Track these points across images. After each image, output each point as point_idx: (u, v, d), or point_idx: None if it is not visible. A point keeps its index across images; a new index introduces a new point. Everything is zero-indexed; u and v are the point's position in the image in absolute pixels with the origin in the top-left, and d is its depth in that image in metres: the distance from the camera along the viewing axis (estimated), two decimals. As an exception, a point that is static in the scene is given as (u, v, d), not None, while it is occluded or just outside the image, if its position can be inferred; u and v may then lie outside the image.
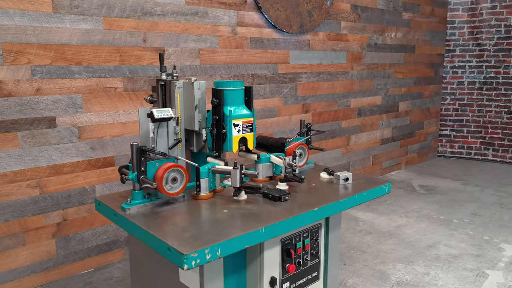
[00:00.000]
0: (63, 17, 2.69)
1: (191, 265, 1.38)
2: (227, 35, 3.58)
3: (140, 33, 3.05)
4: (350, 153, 5.03)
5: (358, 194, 1.98)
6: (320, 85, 4.49)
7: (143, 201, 1.81)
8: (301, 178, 2.00)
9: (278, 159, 2.11)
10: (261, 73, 3.90)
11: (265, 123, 4.01)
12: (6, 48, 2.50)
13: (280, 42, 4.01)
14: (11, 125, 2.58)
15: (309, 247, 1.93)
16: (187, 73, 3.36)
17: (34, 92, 2.64)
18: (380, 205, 4.43)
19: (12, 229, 2.68)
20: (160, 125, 2.00)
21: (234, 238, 1.50)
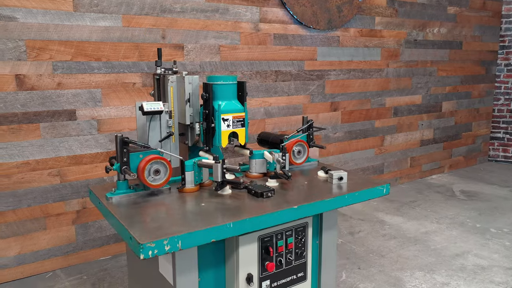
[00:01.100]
0: (83, 15, 2.83)
1: (148, 255, 1.39)
2: (249, 32, 3.57)
3: (158, 30, 3.13)
4: (385, 154, 4.82)
5: (348, 194, 1.90)
6: (351, 82, 4.34)
7: (127, 191, 1.85)
8: (288, 176, 1.95)
9: (269, 155, 2.07)
10: (286, 70, 3.85)
11: (289, 121, 3.96)
12: (29, 44, 2.68)
13: (307, 38, 3.93)
14: (33, 116, 2.76)
15: (293, 246, 1.88)
16: (207, 69, 3.40)
17: (56, 86, 2.80)
18: (411, 210, 4.21)
19: (35, 214, 2.86)
20: (153, 118, 2.04)
21: (197, 231, 1.49)
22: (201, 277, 1.74)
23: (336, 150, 4.39)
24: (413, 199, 4.52)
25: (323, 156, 4.28)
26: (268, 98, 3.79)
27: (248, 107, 3.68)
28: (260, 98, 3.74)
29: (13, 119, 2.70)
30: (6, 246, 2.80)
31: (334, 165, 4.40)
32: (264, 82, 3.74)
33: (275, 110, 3.86)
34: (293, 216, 1.73)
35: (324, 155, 4.30)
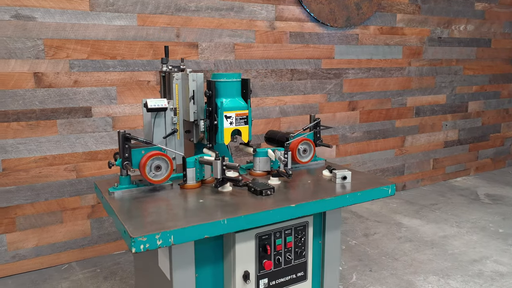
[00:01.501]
0: (99, 15, 2.90)
1: (139, 249, 1.41)
2: (264, 30, 3.56)
3: (173, 29, 3.17)
4: (406, 155, 4.70)
5: (350, 194, 1.86)
6: (370, 81, 4.26)
7: (129, 186, 1.89)
8: (288, 174, 1.93)
9: (273, 153, 2.06)
10: (302, 69, 3.82)
11: (305, 120, 3.92)
12: (47, 43, 2.77)
13: (324, 36, 3.88)
14: (51, 113, 2.85)
15: (292, 245, 1.86)
16: (221, 67, 3.41)
17: (72, 84, 2.89)
18: (431, 212, 4.09)
19: (51, 208, 2.96)
20: (158, 115, 2.07)
21: (190, 227, 1.50)
22: (199, 273, 1.75)
23: (354, 150, 4.32)
24: (434, 202, 4.39)
25: (340, 156, 4.22)
26: (283, 97, 3.77)
27: (263, 106, 3.67)
28: (275, 96, 3.73)
29: (32, 115, 2.80)
30: (25, 238, 2.90)
31: (352, 165, 4.33)
32: (280, 80, 3.73)
33: (291, 109, 3.84)
34: (291, 214, 1.71)
35: (342, 155, 4.24)
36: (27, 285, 2.78)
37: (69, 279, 2.86)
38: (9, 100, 2.71)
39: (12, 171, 2.79)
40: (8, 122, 2.73)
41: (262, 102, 3.67)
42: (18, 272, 2.90)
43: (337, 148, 4.19)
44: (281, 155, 1.97)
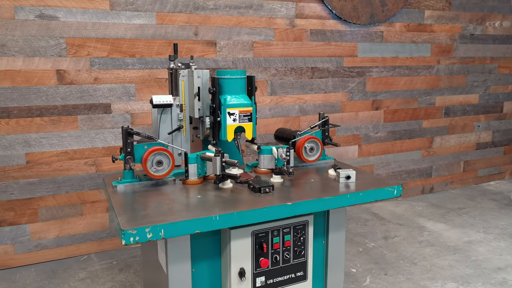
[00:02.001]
0: (119, 14, 2.98)
1: (129, 241, 1.44)
2: (284, 28, 3.54)
3: (191, 27, 3.21)
4: (434, 156, 4.53)
5: (351, 194, 1.82)
6: (395, 80, 4.14)
7: (132, 180, 1.93)
8: (289, 172, 1.91)
9: (276, 151, 2.04)
10: (323, 67, 3.77)
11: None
12: (69, 42, 2.88)
13: (346, 34, 3.81)
14: (72, 109, 2.96)
15: (291, 244, 1.83)
16: (240, 65, 3.42)
17: (92, 81, 2.98)
18: (458, 217, 3.92)
19: (72, 200, 3.07)
20: (164, 111, 2.10)
21: (181, 221, 1.52)
22: (195, 268, 1.76)
23: (378, 151, 4.21)
24: (462, 206, 4.21)
25: (363, 156, 4.13)
26: (303, 95, 3.74)
27: (282, 104, 3.65)
28: (295, 95, 3.70)
29: (54, 111, 2.91)
30: (46, 229, 3.03)
31: (375, 166, 4.23)
32: (300, 79, 3.69)
33: (311, 107, 3.79)
34: (287, 213, 1.69)
35: (365, 155, 4.14)
36: (48, 274, 2.90)
37: (86, 270, 2.96)
38: (33, 96, 2.84)
39: (35, 164, 2.92)
40: (32, 117, 2.86)
41: (281, 100, 3.64)
42: (40, 261, 3.04)
43: (359, 148, 4.10)
44: (283, 152, 1.95)
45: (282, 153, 1.96)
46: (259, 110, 3.56)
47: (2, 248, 2.93)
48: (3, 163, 2.84)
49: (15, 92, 2.79)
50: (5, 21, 2.70)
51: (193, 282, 1.76)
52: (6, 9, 2.69)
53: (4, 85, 2.76)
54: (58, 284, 2.77)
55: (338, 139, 3.97)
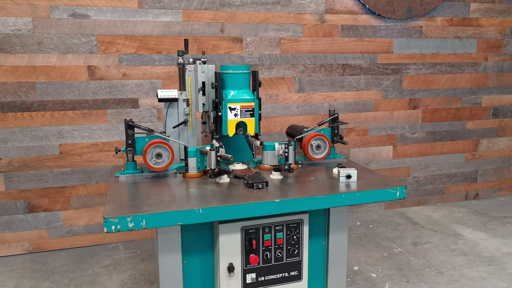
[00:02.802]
0: (146, 12, 3.08)
1: (110, 229, 1.49)
2: (313, 24, 3.47)
3: (217, 24, 3.24)
4: (479, 160, 4.22)
5: (346, 193, 1.74)
6: (435, 78, 3.91)
7: (134, 171, 1.99)
8: (286, 169, 1.87)
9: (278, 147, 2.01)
10: (354, 63, 3.64)
11: (357, 117, 3.74)
12: (99, 39, 3.03)
13: (381, 29, 3.65)
14: (102, 103, 3.11)
15: (284, 242, 1.80)
16: (266, 62, 3.40)
17: (121, 76, 3.11)
18: (501, 226, 3.63)
19: (101, 190, 3.23)
20: (171, 105, 2.15)
21: (163, 213, 1.54)
22: (187, 261, 1.78)
23: (415, 152, 4.00)
24: (508, 215, 3.88)
25: (398, 157, 3.94)
26: (333, 93, 3.64)
27: (310, 101, 3.58)
28: (324, 92, 3.61)
29: (85, 105, 3.08)
30: (78, 216, 3.21)
31: (412, 168, 4.02)
32: (329, 75, 3.60)
33: (341, 105, 3.68)
34: (274, 210, 1.66)
35: (400, 156, 3.96)
36: (76, 259, 3.08)
37: (112, 257, 3.10)
38: (66, 90, 3.02)
39: (68, 154, 3.11)
40: (65, 110, 3.05)
41: (309, 97, 3.58)
42: (71, 246, 3.23)
43: (394, 148, 3.92)
44: (281, 149, 1.92)
45: (280, 149, 1.92)
46: (287, 107, 3.52)
47: (38, 233, 3.15)
48: (39, 152, 3.05)
49: (50, 86, 2.99)
50: (41, 20, 2.89)
51: (185, 274, 1.78)
52: (42, 9, 2.88)
53: (40, 80, 2.96)
54: (83, 269, 2.93)
55: (371, 138, 3.83)
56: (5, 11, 2.82)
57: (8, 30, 2.85)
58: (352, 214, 3.91)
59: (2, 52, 2.86)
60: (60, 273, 2.87)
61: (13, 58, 2.89)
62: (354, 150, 3.80)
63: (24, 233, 3.11)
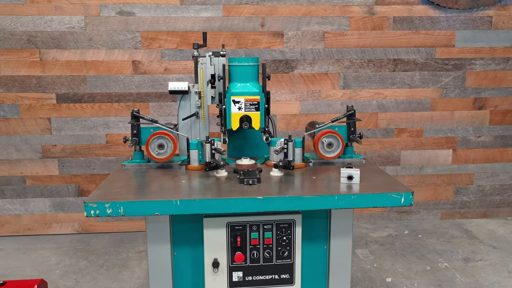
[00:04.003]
0: (188, 8, 3.15)
1: (90, 214, 1.54)
2: (361, 16, 3.26)
3: (258, 18, 3.20)
4: None
5: (340, 195, 1.60)
6: (507, 75, 3.45)
7: (141, 161, 2.04)
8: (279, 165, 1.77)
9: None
10: (408, 58, 3.36)
11: (410, 117, 3.44)
12: (143, 35, 3.17)
13: (441, 20, 3.31)
14: (145, 96, 3.25)
15: (273, 243, 1.71)
16: (308, 57, 3.28)
17: (163, 71, 3.23)
18: None
19: (143, 179, 3.38)
20: (183, 98, 2.17)
21: (140, 201, 1.55)
22: (177, 252, 1.78)
23: (481, 158, 3.57)
24: None
25: (459, 162, 3.55)
26: (382, 90, 3.39)
27: (356, 99, 3.38)
28: (372, 89, 3.38)
29: (129, 98, 3.25)
30: (122, 202, 3.40)
31: (476, 175, 3.60)
32: (379, 71, 3.36)
33: (391, 104, 3.42)
34: (256, 207, 1.58)
35: (461, 161, 3.56)
36: (116, 243, 3.27)
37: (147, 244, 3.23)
38: (112, 84, 3.21)
39: (113, 144, 3.31)
40: (111, 102, 3.24)
41: (355, 94, 3.38)
42: (114, 231, 3.43)
43: (454, 153, 3.54)
44: (280, 144, 1.82)
45: (279, 144, 1.83)
46: (330, 104, 3.36)
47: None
48: (88, 141, 3.28)
49: (99, 80, 3.20)
50: (92, 18, 3.11)
51: (175, 265, 1.78)
52: (93, 8, 3.10)
53: (90, 74, 3.19)
54: (119, 253, 3.10)
55: (426, 140, 3.50)
56: (61, 10, 3.08)
57: (64, 28, 3.11)
58: (402, 221, 3.62)
59: (59, 48, 3.13)
60: (98, 254, 3.07)
61: (67, 54, 3.15)
62: (406, 152, 3.50)
63: (74, 214, 3.38)
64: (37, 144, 3.25)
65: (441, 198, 3.61)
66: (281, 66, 3.28)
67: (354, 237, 3.33)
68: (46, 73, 3.16)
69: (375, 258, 2.99)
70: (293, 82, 3.31)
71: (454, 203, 3.63)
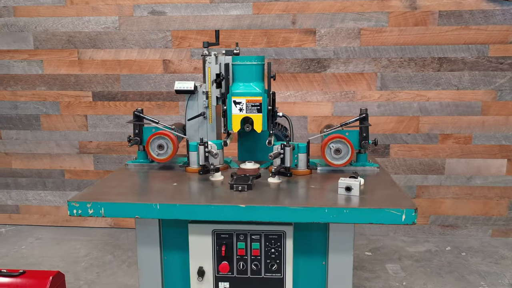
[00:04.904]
0: (217, 6, 3.11)
1: (72, 213, 1.53)
2: (401, 11, 3.01)
3: (289, 15, 3.07)
4: None
5: (330, 208, 1.45)
6: None
7: (144, 161, 2.02)
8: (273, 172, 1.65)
9: (282, 147, 1.79)
10: (455, 57, 3.04)
11: (457, 122, 3.12)
12: (174, 34, 3.18)
13: (496, 14, 2.96)
14: (174, 96, 3.27)
15: (261, 254, 1.59)
16: (342, 56, 3.09)
17: (192, 70, 3.22)
18: None
19: (173, 178, 3.41)
20: (191, 97, 2.12)
21: (121, 203, 1.52)
22: (167, 256, 1.73)
23: (542, 170, 3.15)
24: None
25: (515, 174, 3.16)
26: (425, 92, 3.10)
27: (395, 101, 3.13)
28: (413, 90, 3.11)
29: (160, 96, 3.28)
30: (152, 199, 3.45)
31: (536, 190, 3.18)
32: (421, 71, 3.08)
33: (435, 107, 3.12)
34: (238, 216, 1.48)
35: (518, 173, 3.16)
36: (144, 238, 3.31)
37: (173, 242, 3.24)
38: (144, 83, 3.26)
39: (144, 142, 3.36)
40: (143, 101, 3.30)
41: (394, 96, 3.13)
42: (144, 226, 3.49)
43: (509, 163, 3.15)
44: (277, 149, 1.70)
45: (276, 149, 1.71)
46: (366, 105, 3.13)
47: (119, 210, 3.49)
48: (121, 138, 3.37)
49: (131, 79, 3.27)
50: (126, 18, 3.18)
51: (165, 269, 1.74)
52: (127, 8, 3.16)
53: (124, 73, 3.27)
54: (144, 249, 3.13)
55: (475, 148, 3.15)
56: (98, 11, 3.18)
57: (100, 28, 3.21)
58: (445, 236, 3.29)
59: (95, 48, 3.24)
60: (124, 249, 3.13)
61: (102, 53, 3.25)
62: (451, 160, 3.18)
63: (108, 209, 3.48)
64: (74, 140, 3.40)
65: (493, 213, 3.24)
66: (313, 65, 3.12)
67: (388, 250, 3.09)
68: (83, 71, 3.29)
69: (406, 276, 2.74)
70: (326, 82, 3.14)
71: (509, 220, 3.23)
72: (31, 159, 3.46)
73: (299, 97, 3.18)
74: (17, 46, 3.29)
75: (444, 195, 3.24)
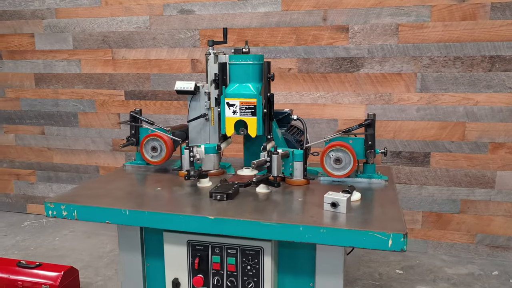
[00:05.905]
0: (245, 3, 3.00)
1: (48, 214, 1.52)
2: (446, 4, 2.68)
3: (319, 12, 2.88)
4: None
5: (306, 227, 1.28)
6: None
7: (141, 162, 1.98)
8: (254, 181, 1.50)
9: (273, 154, 1.64)
10: (510, 55, 2.65)
11: (511, 130, 2.72)
12: (202, 33, 3.12)
13: (562, 5, 2.53)
14: (202, 95, 3.21)
15: (237, 270, 1.45)
16: (378, 54, 2.84)
17: (219, 69, 3.14)
18: None
19: (200, 179, 3.37)
20: (193, 98, 2.04)
21: (92, 207, 1.47)
22: (150, 264, 1.67)
23: None
24: None
25: None
26: (473, 95, 2.75)
27: (437, 104, 2.81)
28: (459, 93, 2.77)
29: (188, 96, 3.24)
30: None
31: None
32: (469, 71, 2.73)
33: (486, 112, 2.75)
34: (206, 228, 1.37)
35: None
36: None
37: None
38: (172, 82, 3.25)
39: (173, 141, 3.35)
40: (171, 100, 3.29)
41: (436, 99, 2.81)
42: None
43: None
44: (263, 156, 1.56)
45: (262, 157, 1.56)
46: (403, 109, 2.86)
47: (148, 208, 3.53)
48: (151, 137, 3.39)
49: (161, 78, 3.27)
50: (156, 17, 3.19)
51: (148, 276, 1.67)
52: (157, 8, 3.17)
53: (154, 72, 3.28)
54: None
55: (533, 161, 2.74)
56: (130, 11, 3.23)
57: (132, 28, 3.25)
58: (493, 258, 2.90)
59: (127, 47, 3.29)
60: (147, 248, 3.14)
61: (134, 53, 3.29)
62: (504, 173, 2.79)
63: (138, 206, 3.53)
64: (108, 137, 3.49)
65: (555, 236, 2.79)
66: (345, 64, 2.90)
67: (422, 269, 2.78)
68: (116, 71, 3.35)
69: (437, 301, 2.44)
70: (359, 82, 2.90)
71: None
72: (70, 155, 3.61)
73: (330, 98, 2.97)
74: (59, 46, 3.44)
75: (494, 212, 2.85)
